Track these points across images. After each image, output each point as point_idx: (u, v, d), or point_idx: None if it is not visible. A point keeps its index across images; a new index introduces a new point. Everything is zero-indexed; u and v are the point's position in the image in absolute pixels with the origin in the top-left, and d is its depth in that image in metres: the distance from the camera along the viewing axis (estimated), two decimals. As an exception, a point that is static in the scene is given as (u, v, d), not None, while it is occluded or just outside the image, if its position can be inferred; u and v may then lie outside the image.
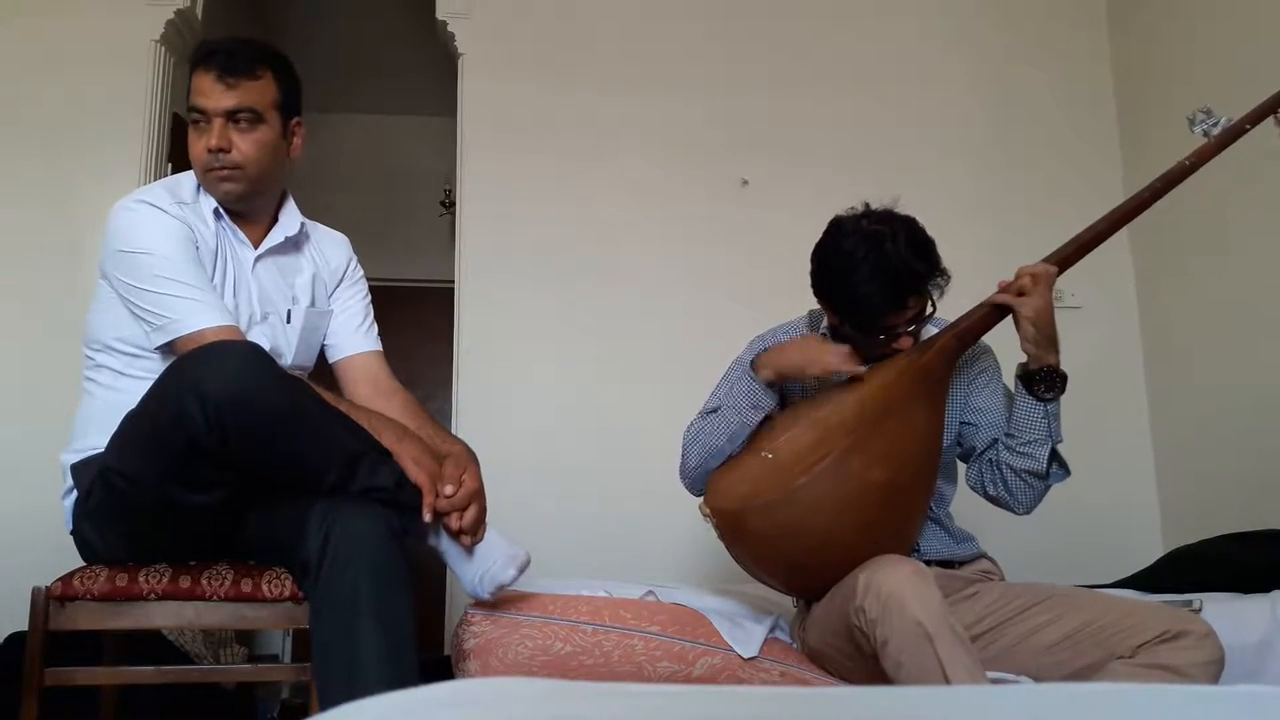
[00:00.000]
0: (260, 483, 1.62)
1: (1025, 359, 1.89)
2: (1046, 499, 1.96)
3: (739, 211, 3.44)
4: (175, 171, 2.48)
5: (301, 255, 1.99)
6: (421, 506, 1.64)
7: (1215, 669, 1.62)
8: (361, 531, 1.53)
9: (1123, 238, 2.02)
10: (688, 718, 0.68)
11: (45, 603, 1.65)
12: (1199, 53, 3.21)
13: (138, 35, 3.32)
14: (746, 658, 1.93)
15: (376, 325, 2.07)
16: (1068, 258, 1.91)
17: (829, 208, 1.98)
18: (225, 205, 1.87)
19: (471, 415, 3.22)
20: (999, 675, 1.71)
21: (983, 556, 2.03)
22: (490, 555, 1.75)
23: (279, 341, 1.90)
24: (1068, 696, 0.81)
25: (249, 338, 1.80)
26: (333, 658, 1.49)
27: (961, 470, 2.07)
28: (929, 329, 1.96)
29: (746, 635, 1.97)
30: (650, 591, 2.14)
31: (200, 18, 3.46)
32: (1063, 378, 1.87)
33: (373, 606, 1.49)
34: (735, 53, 3.58)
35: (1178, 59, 3.34)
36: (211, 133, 1.80)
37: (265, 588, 1.68)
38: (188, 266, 1.77)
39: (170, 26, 3.36)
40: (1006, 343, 1.96)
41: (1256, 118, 1.95)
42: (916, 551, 1.94)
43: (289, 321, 1.93)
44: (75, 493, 1.76)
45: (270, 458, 1.57)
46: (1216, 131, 1.94)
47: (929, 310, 1.89)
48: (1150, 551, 3.02)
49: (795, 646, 2.00)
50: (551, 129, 3.46)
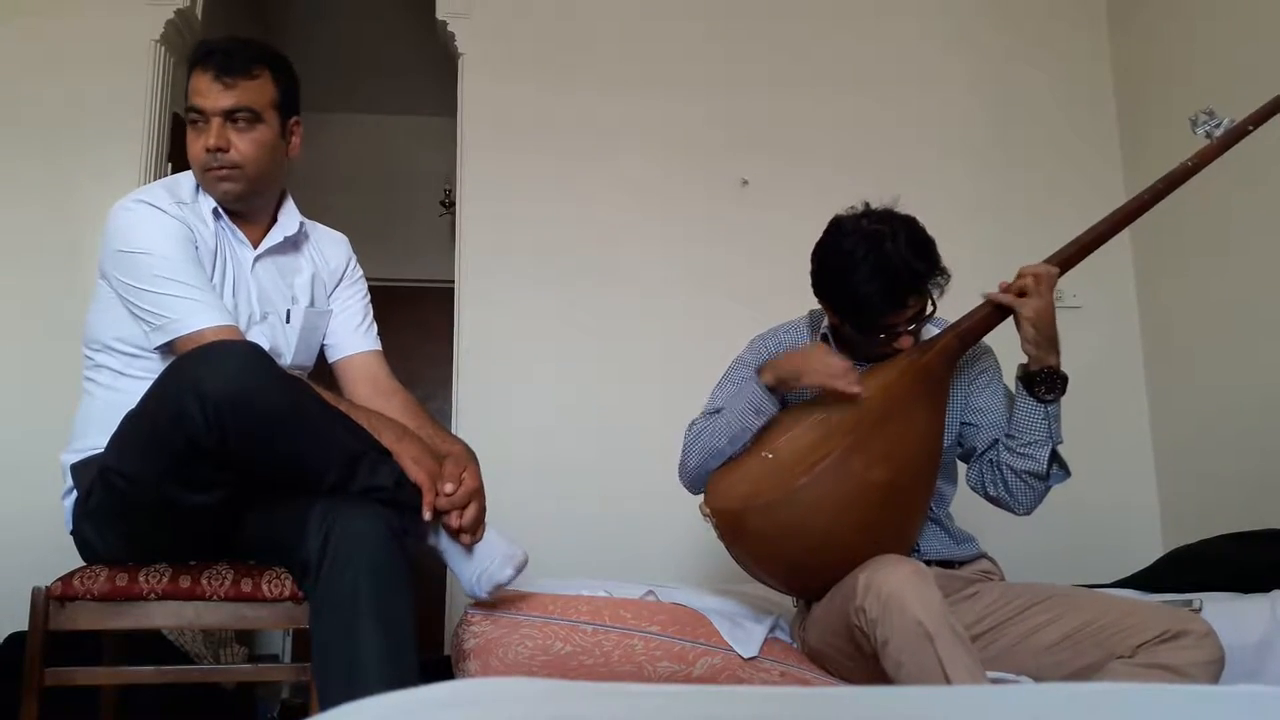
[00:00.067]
0: (260, 483, 1.62)
1: (1026, 360, 1.89)
2: (1046, 499, 1.96)
3: (739, 211, 3.44)
4: (175, 171, 2.47)
5: (301, 255, 1.99)
6: (421, 506, 1.64)
7: (1215, 669, 1.62)
8: (361, 531, 1.53)
9: (1123, 238, 2.02)
10: (688, 718, 0.68)
11: (45, 603, 1.65)
12: (1199, 53, 3.21)
13: (138, 35, 3.33)
14: (746, 658, 1.93)
15: (376, 325, 2.07)
16: (1069, 258, 1.91)
17: (829, 208, 1.98)
18: (224, 205, 1.87)
19: (471, 415, 3.22)
20: (999, 675, 1.71)
21: (983, 557, 2.03)
22: (488, 555, 1.75)
23: (278, 341, 1.90)
24: (1068, 696, 0.81)
25: (248, 338, 1.80)
26: (333, 658, 1.49)
27: (962, 470, 2.07)
28: (929, 329, 1.96)
29: (746, 635, 1.97)
30: (650, 591, 2.14)
31: (200, 18, 3.46)
32: (1063, 379, 1.87)
33: (373, 606, 1.48)
34: (735, 53, 3.58)
35: (1178, 59, 3.34)
36: (210, 132, 1.80)
37: (265, 588, 1.68)
38: (187, 266, 1.77)
39: (170, 26, 3.36)
40: (1007, 343, 1.96)
41: (1259, 119, 1.94)
42: (916, 552, 1.94)
43: (288, 321, 1.93)
44: (75, 493, 1.76)
45: (270, 457, 1.57)
46: (1219, 133, 1.93)
47: (929, 310, 1.89)
48: (1150, 551, 3.02)
49: (795, 646, 2.00)
50: (551, 129, 3.46)
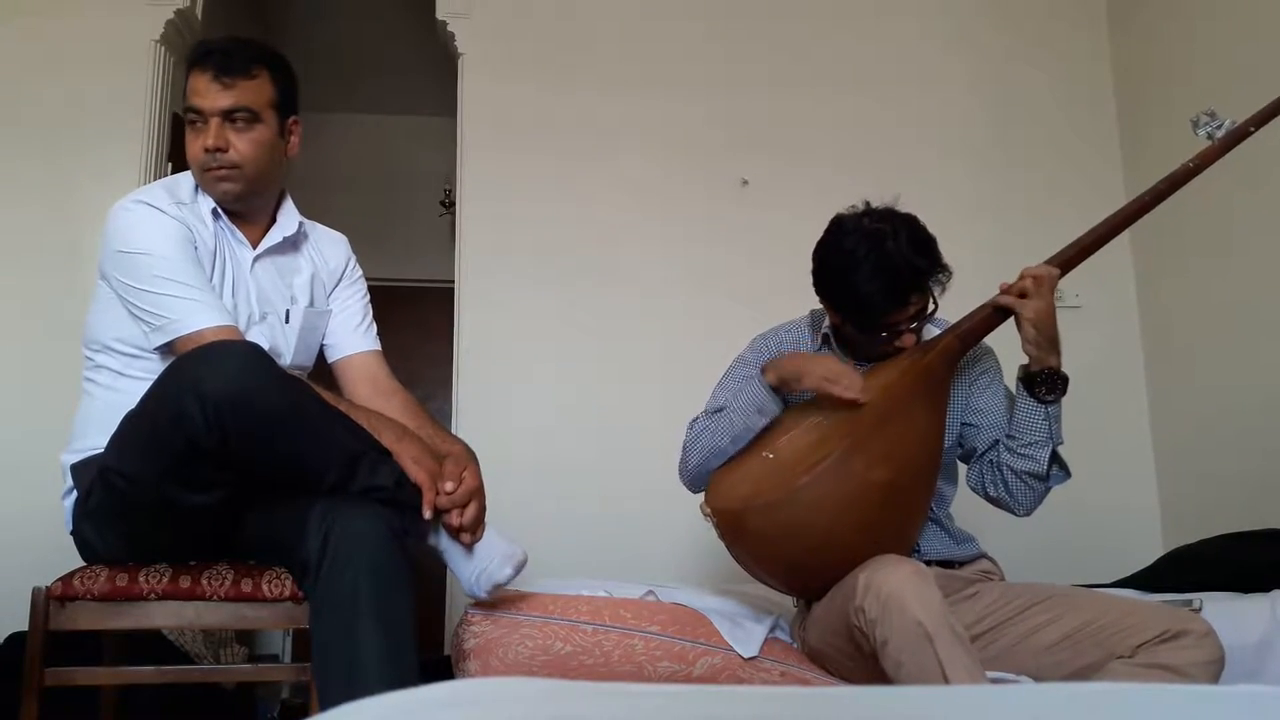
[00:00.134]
0: (260, 483, 1.62)
1: (1027, 361, 1.89)
2: (1046, 499, 1.96)
3: (739, 211, 3.44)
4: (175, 171, 2.47)
5: (300, 255, 1.99)
6: (421, 505, 1.64)
7: (1215, 668, 1.62)
8: (361, 531, 1.53)
9: (1123, 238, 2.02)
10: (688, 718, 0.68)
11: (45, 603, 1.65)
12: (1199, 53, 3.21)
13: (138, 35, 3.33)
14: (747, 657, 1.93)
15: (376, 325, 2.07)
16: (1070, 259, 1.91)
17: (829, 207, 1.98)
18: (223, 205, 1.87)
19: (471, 415, 3.22)
20: (999, 675, 1.71)
21: (983, 557, 2.03)
22: (488, 554, 1.75)
23: (278, 341, 1.90)
24: (1068, 696, 0.81)
25: (248, 338, 1.80)
26: (333, 658, 1.49)
27: (962, 471, 2.07)
28: (930, 329, 1.96)
29: (747, 635, 1.97)
30: (650, 591, 2.14)
31: (200, 18, 3.46)
32: (1064, 380, 1.87)
33: (373, 606, 1.48)
34: (735, 53, 3.58)
35: (1178, 59, 3.34)
36: (208, 132, 1.80)
37: (265, 588, 1.68)
38: (186, 267, 1.77)
39: (170, 26, 3.36)
40: (1008, 344, 1.96)
41: (1260, 120, 1.94)
42: (917, 552, 1.94)
43: (287, 321, 1.93)
44: (75, 493, 1.76)
45: (270, 458, 1.57)
46: (1220, 134, 1.93)
47: (931, 308, 1.89)
48: (1150, 551, 3.02)
49: (795, 646, 2.00)
50: (551, 129, 3.46)
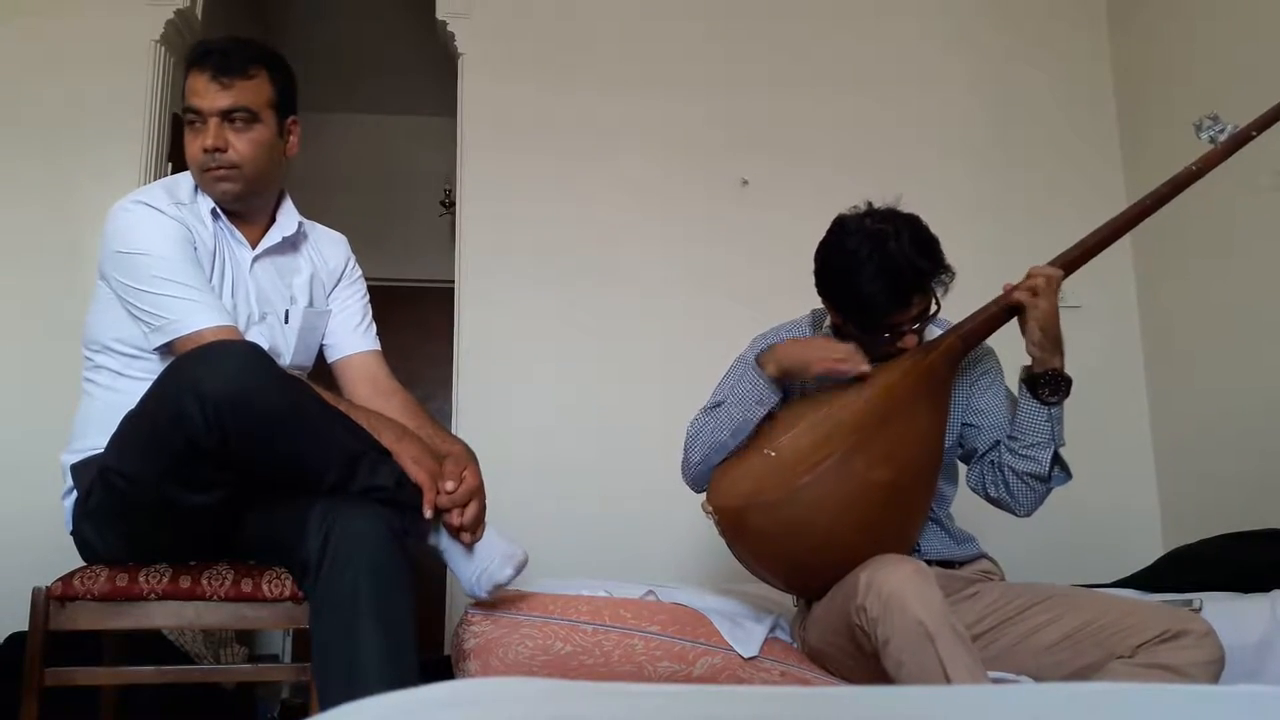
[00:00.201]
0: (260, 483, 1.62)
1: (1029, 362, 1.89)
2: (1047, 500, 1.96)
3: (739, 211, 3.44)
4: (175, 171, 2.47)
5: (299, 255, 1.99)
6: (421, 505, 1.64)
7: (1215, 668, 1.62)
8: (361, 531, 1.53)
9: (1124, 239, 2.03)
10: (688, 718, 0.68)
11: (45, 603, 1.65)
12: (1199, 53, 3.21)
13: (138, 35, 3.33)
14: (747, 657, 1.93)
15: (375, 325, 2.06)
16: (1073, 261, 1.91)
17: (829, 207, 1.98)
18: (222, 205, 1.87)
19: (471, 415, 3.22)
20: (999, 675, 1.71)
21: (983, 557, 2.03)
22: (488, 554, 1.75)
23: (277, 341, 1.90)
24: (1068, 696, 0.81)
25: (247, 338, 1.80)
26: (333, 658, 1.49)
27: (962, 471, 2.07)
28: (932, 329, 1.96)
29: (747, 635, 1.97)
30: (650, 591, 2.14)
31: (200, 18, 3.46)
32: (1067, 381, 1.87)
33: (373, 606, 1.48)
34: (735, 53, 3.58)
35: (1178, 59, 3.34)
36: (207, 133, 1.80)
37: (265, 588, 1.68)
38: (186, 267, 1.77)
39: (170, 26, 3.36)
40: (1009, 346, 1.96)
41: (1263, 125, 1.94)
42: (917, 552, 1.94)
43: (287, 321, 1.93)
44: (75, 493, 1.76)
45: (270, 457, 1.57)
46: (1223, 138, 1.93)
47: (933, 309, 1.89)
48: (1150, 551, 3.02)
49: (796, 646, 2.00)
50: (551, 129, 3.46)
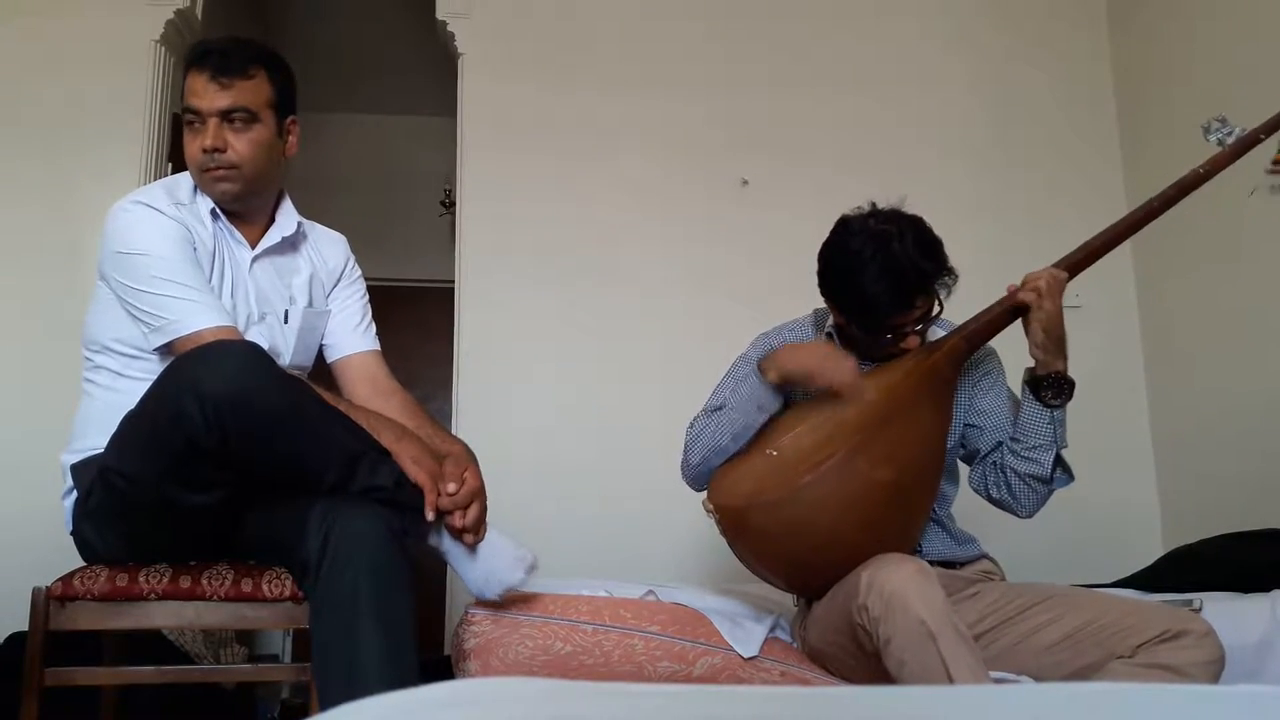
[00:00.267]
0: (260, 483, 1.62)
1: (1033, 364, 1.89)
2: (1047, 500, 1.96)
3: (739, 211, 3.44)
4: (175, 171, 2.47)
5: (299, 255, 1.99)
6: (421, 506, 1.64)
7: (1215, 668, 1.62)
8: (361, 531, 1.53)
9: (1124, 239, 2.04)
10: (688, 718, 0.68)
11: (45, 603, 1.65)
12: (1199, 53, 3.21)
13: (138, 35, 3.33)
14: (747, 657, 1.92)
15: (375, 325, 2.06)
16: (1077, 263, 1.91)
17: (829, 208, 1.98)
18: (222, 205, 1.87)
19: (471, 415, 3.22)
20: (1000, 675, 1.71)
21: (984, 557, 2.03)
22: (496, 556, 1.75)
23: (277, 342, 1.90)
24: (1068, 696, 0.81)
25: (247, 338, 1.79)
26: (333, 658, 1.49)
27: (964, 472, 2.07)
28: (935, 330, 1.96)
29: (747, 635, 1.97)
30: (650, 591, 2.14)
31: (200, 18, 3.46)
32: (1070, 384, 1.87)
33: (373, 606, 1.48)
34: (735, 53, 3.58)
35: (1178, 59, 3.34)
36: (206, 133, 1.80)
37: (265, 588, 1.68)
38: (185, 267, 1.77)
39: (170, 26, 3.36)
40: (1011, 347, 1.95)
41: (1270, 128, 1.94)
42: (919, 552, 1.94)
43: (286, 322, 1.93)
44: (75, 493, 1.76)
45: (269, 457, 1.57)
46: (1231, 140, 1.93)
47: (936, 310, 1.89)
48: (1150, 551, 3.02)
49: (796, 646, 2.00)
50: (551, 129, 3.46)
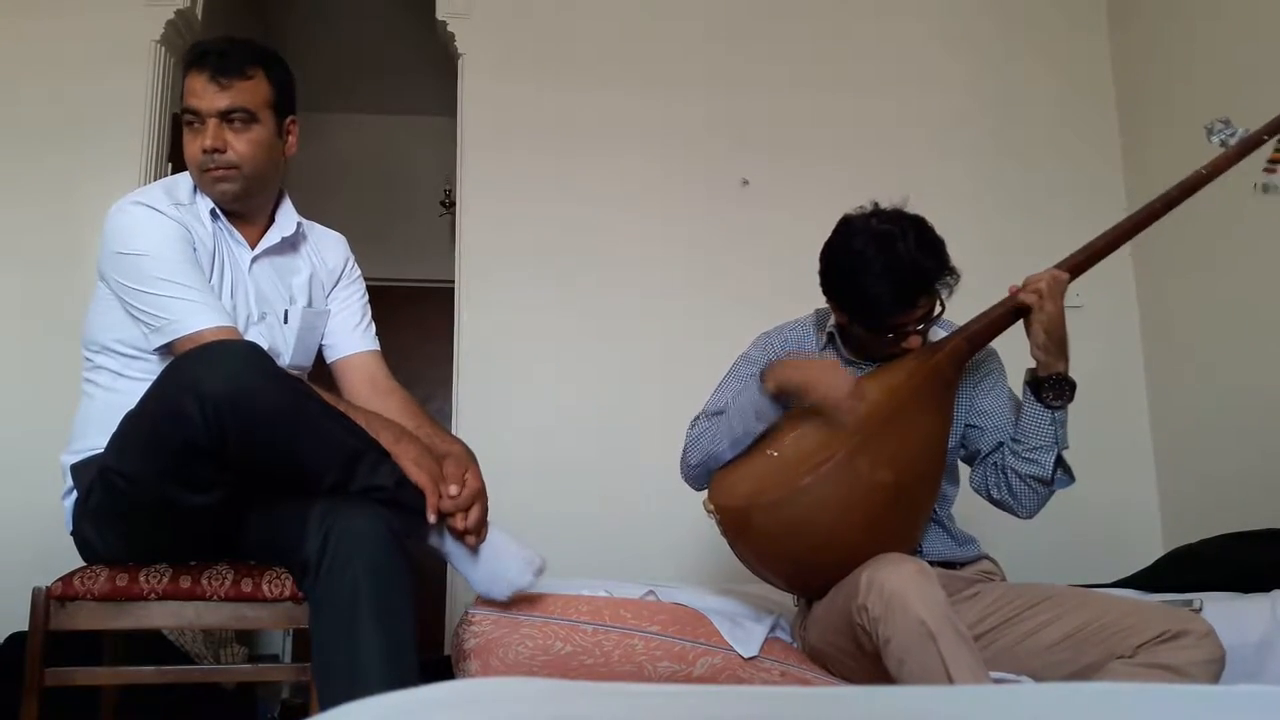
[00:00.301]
0: (260, 483, 1.62)
1: (1034, 365, 1.88)
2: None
3: (739, 211, 3.44)
4: (175, 172, 2.47)
5: (299, 255, 1.99)
6: (422, 507, 1.63)
7: (1215, 668, 1.62)
8: (361, 531, 1.53)
9: (1124, 237, 2.04)
10: (688, 718, 0.68)
11: (45, 603, 1.65)
12: (1199, 53, 3.20)
13: (138, 35, 3.33)
14: (747, 657, 1.92)
15: (375, 325, 2.06)
16: (1079, 264, 1.90)
17: (829, 208, 1.98)
18: (221, 205, 1.87)
19: (471, 415, 3.22)
20: (1000, 675, 1.71)
21: (984, 558, 2.03)
22: (501, 556, 1.75)
23: (276, 341, 1.90)
24: (1068, 696, 0.81)
25: (247, 338, 1.79)
26: (333, 658, 1.49)
27: (964, 472, 2.07)
28: (936, 331, 1.95)
29: (747, 635, 1.97)
30: (650, 591, 2.14)
31: (200, 18, 3.46)
32: (1072, 385, 1.87)
33: (373, 606, 1.48)
34: (735, 52, 3.58)
35: (1178, 59, 3.34)
36: (206, 133, 1.80)
37: (265, 588, 1.68)
38: (185, 268, 1.77)
39: (170, 27, 3.36)
40: (1012, 348, 1.95)
41: (1273, 129, 1.94)
42: (919, 553, 1.94)
43: (286, 322, 1.93)
44: (75, 493, 1.76)
45: (269, 457, 1.57)
46: (1234, 141, 1.93)
47: (938, 310, 1.89)
48: (1150, 551, 3.02)
49: (796, 646, 2.00)
50: (551, 129, 3.46)
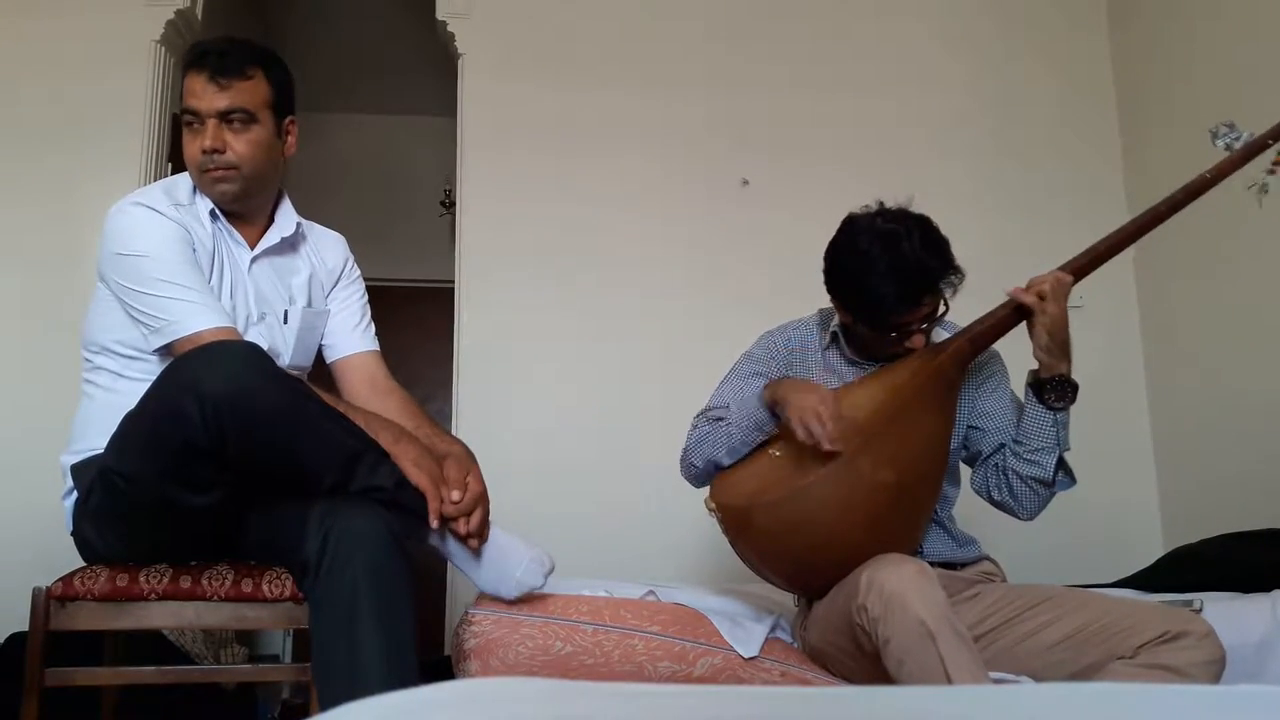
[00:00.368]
0: (259, 483, 1.62)
1: (1036, 366, 1.88)
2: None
3: (739, 211, 3.44)
4: (175, 172, 2.47)
5: (298, 255, 1.99)
6: (422, 509, 1.63)
7: (1216, 669, 1.62)
8: (361, 531, 1.53)
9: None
10: (688, 718, 0.68)
11: (46, 603, 1.65)
12: (1199, 53, 3.20)
13: (138, 35, 3.33)
14: (747, 657, 1.92)
15: (374, 325, 2.06)
16: (1083, 267, 1.90)
17: (829, 208, 1.98)
18: (221, 206, 1.87)
19: (471, 415, 3.22)
20: (1000, 676, 1.71)
21: (984, 559, 2.03)
22: (510, 556, 1.76)
23: (276, 342, 1.90)
24: (1067, 696, 0.81)
25: (246, 339, 1.79)
26: (333, 658, 1.49)
27: (965, 473, 2.07)
28: (939, 332, 1.95)
29: (747, 635, 1.97)
30: (651, 591, 2.14)
31: (200, 18, 3.46)
32: (1074, 387, 1.87)
33: (373, 606, 1.48)
34: (735, 52, 3.58)
35: (1178, 59, 3.34)
36: (205, 134, 1.80)
37: (265, 588, 1.68)
38: (184, 268, 1.76)
39: (170, 27, 3.36)
40: (1014, 349, 1.95)
41: (1278, 133, 1.94)
42: (920, 553, 1.94)
43: (286, 322, 1.93)
44: (75, 493, 1.76)
45: (269, 457, 1.57)
46: (1239, 145, 1.93)
47: (942, 310, 1.89)
48: (1150, 551, 3.02)
49: (796, 646, 2.00)
50: (551, 129, 3.46)
